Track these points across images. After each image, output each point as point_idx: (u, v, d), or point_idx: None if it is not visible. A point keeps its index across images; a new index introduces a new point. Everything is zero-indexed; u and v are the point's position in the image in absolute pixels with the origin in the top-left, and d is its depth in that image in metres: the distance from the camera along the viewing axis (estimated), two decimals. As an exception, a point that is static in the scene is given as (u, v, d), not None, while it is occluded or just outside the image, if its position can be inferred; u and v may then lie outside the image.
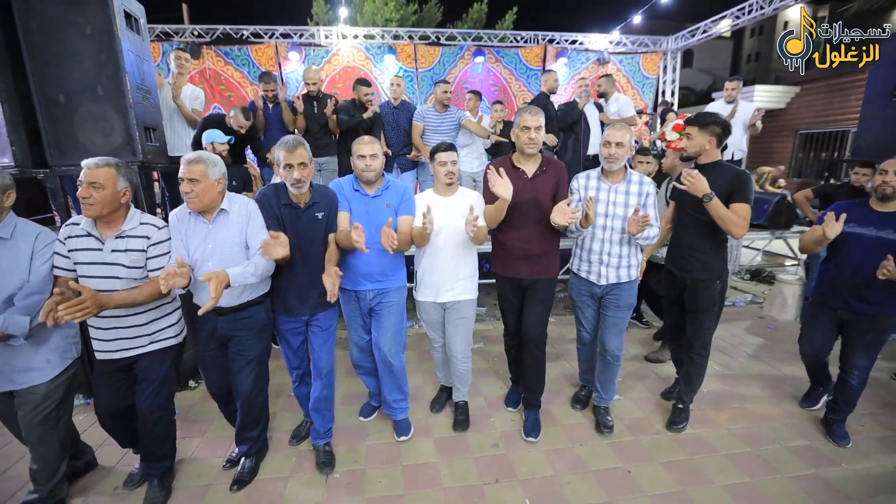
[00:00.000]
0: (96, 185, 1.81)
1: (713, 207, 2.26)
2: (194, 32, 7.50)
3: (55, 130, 2.75)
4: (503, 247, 2.50)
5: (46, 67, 2.68)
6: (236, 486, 2.21)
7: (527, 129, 2.27)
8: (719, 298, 2.50)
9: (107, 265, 1.88)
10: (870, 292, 2.35)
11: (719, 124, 2.34)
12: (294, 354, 2.37)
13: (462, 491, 2.19)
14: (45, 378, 1.91)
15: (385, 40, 7.76)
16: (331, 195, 2.26)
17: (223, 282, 1.83)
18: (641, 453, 2.46)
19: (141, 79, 2.95)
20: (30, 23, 2.61)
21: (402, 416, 2.64)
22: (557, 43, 8.20)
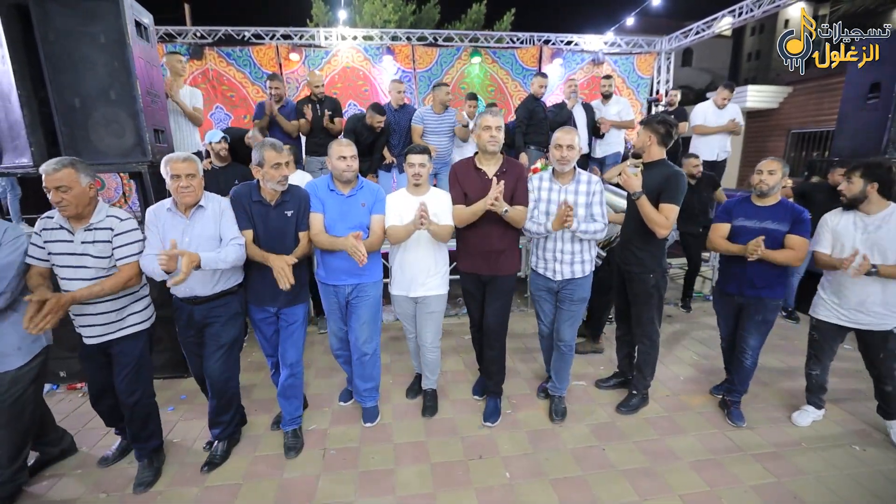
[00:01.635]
0: (62, 188, 1.93)
1: (640, 205, 2.46)
2: (197, 34, 7.67)
3: (71, 133, 2.93)
4: (466, 244, 2.66)
5: (63, 74, 2.86)
6: (207, 468, 2.35)
7: (488, 129, 2.43)
8: (655, 292, 2.67)
9: (77, 255, 2.03)
10: (757, 277, 2.55)
11: (663, 125, 2.50)
12: (268, 343, 2.54)
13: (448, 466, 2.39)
14: (14, 365, 1.99)
15: (383, 41, 7.91)
16: (301, 194, 2.40)
17: (194, 261, 1.97)
18: (616, 433, 2.65)
19: (150, 83, 3.13)
20: (48, 33, 2.80)
21: (370, 404, 2.78)
22: (553, 44, 8.34)
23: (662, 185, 2.47)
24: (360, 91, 7.86)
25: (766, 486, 2.23)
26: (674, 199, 2.45)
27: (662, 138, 2.53)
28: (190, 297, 2.24)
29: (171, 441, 2.60)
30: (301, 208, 2.37)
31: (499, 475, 2.31)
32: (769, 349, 3.62)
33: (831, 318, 2.54)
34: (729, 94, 5.16)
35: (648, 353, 2.80)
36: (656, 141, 2.54)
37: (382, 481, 2.28)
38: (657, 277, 2.66)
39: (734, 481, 2.27)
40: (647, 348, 2.79)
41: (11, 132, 2.98)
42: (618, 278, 2.87)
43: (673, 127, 2.53)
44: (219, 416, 2.42)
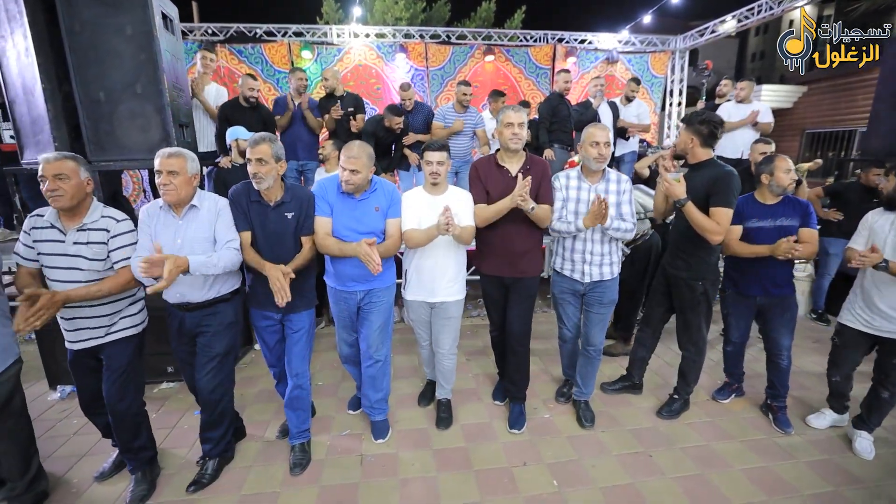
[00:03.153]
0: (62, 177, 1.85)
1: (686, 213, 2.32)
2: (208, 31, 7.60)
3: (95, 127, 2.85)
4: (486, 245, 2.55)
5: (88, 67, 2.78)
6: (193, 487, 2.17)
7: (510, 126, 2.33)
8: (704, 299, 2.56)
9: (69, 257, 1.92)
10: (780, 276, 2.54)
11: (706, 124, 2.34)
12: (270, 352, 2.39)
13: (493, 473, 2.30)
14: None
15: (396, 39, 7.84)
16: (304, 195, 2.22)
17: (181, 266, 1.83)
18: (661, 439, 2.56)
19: (176, 77, 3.05)
20: (73, 25, 2.71)
21: (380, 417, 2.60)
22: (566, 42, 8.27)
23: (711, 187, 2.33)
24: (372, 89, 7.78)
25: (825, 496, 2.15)
26: (725, 201, 2.30)
27: (706, 139, 2.38)
28: (181, 303, 2.09)
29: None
30: (303, 211, 2.19)
31: (546, 483, 2.23)
32: (804, 352, 3.55)
33: (855, 323, 2.44)
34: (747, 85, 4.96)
35: (694, 360, 2.70)
36: (699, 143, 2.39)
37: (425, 490, 2.19)
38: (707, 285, 2.54)
39: (790, 490, 2.18)
40: (693, 355, 2.69)
41: (34, 127, 2.90)
42: (662, 283, 2.77)
43: (718, 126, 2.36)
44: (208, 432, 2.24)
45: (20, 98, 2.97)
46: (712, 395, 2.99)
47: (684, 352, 2.73)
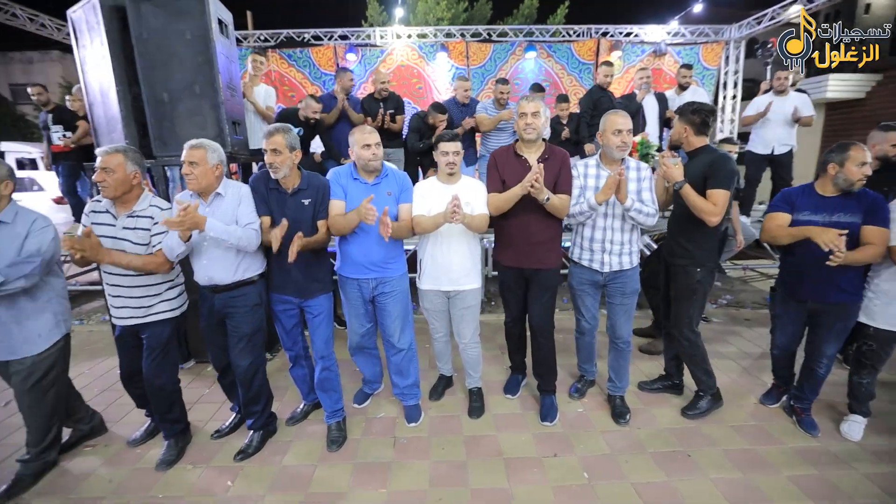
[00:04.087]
0: (108, 170, 2.06)
1: (684, 196, 2.31)
2: (261, 37, 8.03)
3: (159, 125, 3.11)
4: (505, 235, 2.54)
5: (154, 70, 3.04)
6: (240, 456, 2.35)
7: (523, 115, 2.33)
8: (699, 287, 2.47)
9: (117, 240, 2.13)
10: (844, 280, 2.28)
11: (697, 114, 2.39)
12: (287, 336, 2.48)
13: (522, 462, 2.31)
14: (33, 351, 2.09)
15: (438, 38, 7.94)
16: (320, 183, 2.33)
17: (196, 221, 1.96)
18: (702, 439, 2.46)
19: (230, 78, 3.27)
20: (142, 32, 2.97)
21: (413, 402, 2.67)
22: (611, 36, 8.05)
23: (707, 170, 2.33)
24: (414, 89, 7.93)
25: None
26: (721, 183, 2.29)
27: (699, 128, 2.41)
28: (210, 285, 2.26)
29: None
30: (319, 197, 2.30)
31: (577, 475, 2.21)
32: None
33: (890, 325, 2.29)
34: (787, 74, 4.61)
35: (692, 353, 2.59)
36: (692, 132, 2.42)
37: (454, 473, 2.24)
38: (704, 273, 2.46)
39: (844, 499, 2.04)
40: (688, 349, 2.59)
41: (109, 125, 3.20)
42: (664, 274, 2.70)
43: (709, 115, 2.40)
44: (250, 407, 2.42)
45: (97, 100, 3.30)
46: (760, 398, 2.83)
47: (678, 346, 2.64)
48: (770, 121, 4.73)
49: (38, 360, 2.11)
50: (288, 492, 2.13)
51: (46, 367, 2.15)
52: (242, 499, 2.09)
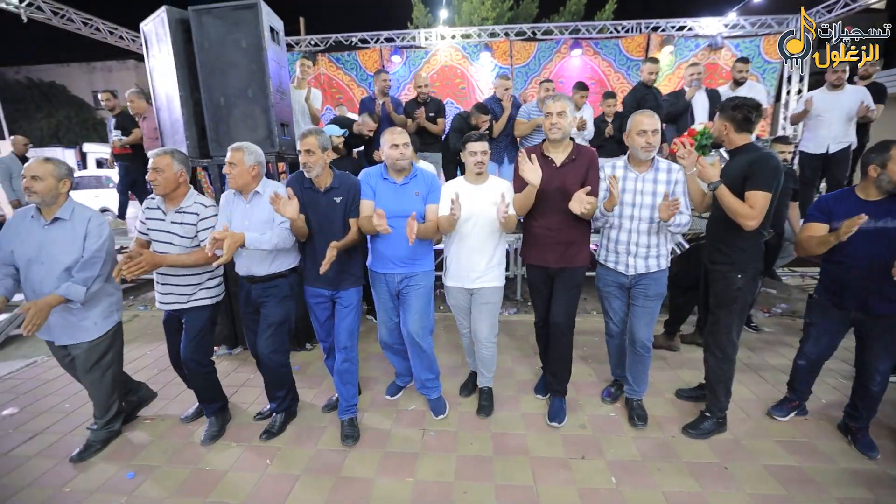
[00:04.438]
0: (158, 170, 2.27)
1: (719, 197, 2.20)
2: (311, 42, 8.39)
3: (216, 128, 3.36)
4: (531, 235, 2.52)
5: (213, 77, 3.29)
6: (265, 436, 2.52)
7: (549, 115, 2.30)
8: (740, 295, 2.31)
9: (167, 233, 2.35)
10: (890, 287, 2.09)
11: (739, 109, 2.22)
12: (321, 327, 2.60)
13: (549, 462, 2.31)
14: (89, 337, 2.31)
15: (482, 38, 7.96)
16: (351, 182, 2.42)
17: (238, 241, 2.13)
18: (741, 453, 2.35)
19: (280, 82, 3.47)
20: (203, 42, 3.23)
21: (435, 395, 2.73)
22: (662, 30, 7.75)
23: (748, 170, 2.17)
24: (457, 89, 8.00)
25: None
26: (760, 184, 2.12)
27: (740, 124, 2.25)
28: (248, 275, 2.44)
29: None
30: (351, 195, 2.39)
31: (604, 479, 2.18)
32: None
33: None
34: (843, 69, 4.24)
35: (721, 367, 2.42)
36: (733, 128, 2.27)
37: (480, 468, 2.27)
38: (746, 280, 2.31)
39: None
40: (720, 361, 2.41)
41: (173, 128, 3.50)
42: (703, 280, 2.56)
43: (752, 110, 2.21)
44: (274, 391, 2.59)
45: (164, 105, 3.61)
46: (768, 410, 2.66)
47: (709, 356, 2.46)
48: (823, 118, 4.41)
49: (93, 345, 2.34)
50: (320, 474, 2.25)
51: (102, 351, 2.39)
52: (278, 477, 2.24)
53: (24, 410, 2.93)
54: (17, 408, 2.96)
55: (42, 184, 2.15)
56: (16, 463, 2.40)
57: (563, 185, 2.34)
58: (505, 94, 4.58)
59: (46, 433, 2.67)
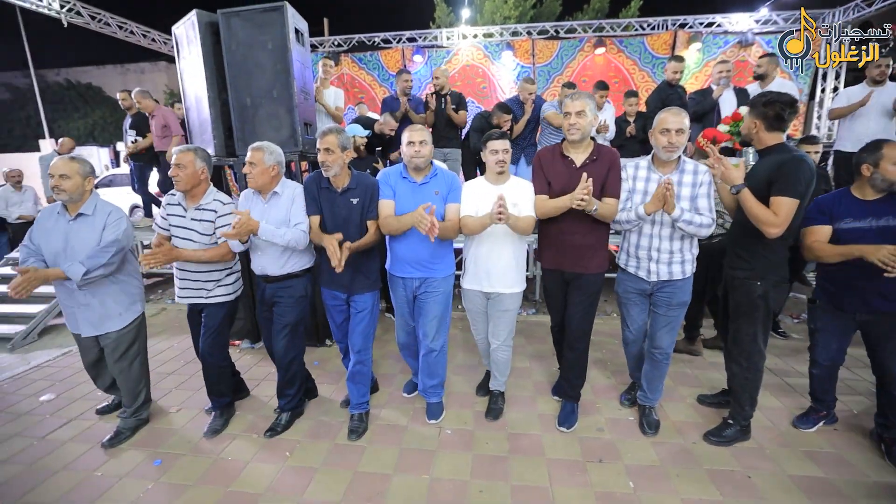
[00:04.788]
0: (180, 166, 2.32)
1: (741, 201, 2.11)
2: (335, 42, 8.51)
3: (242, 127, 3.45)
4: (547, 238, 2.46)
5: (240, 78, 3.37)
6: (269, 433, 2.53)
7: (568, 115, 2.24)
8: (761, 303, 2.21)
9: (186, 229, 2.40)
10: (889, 287, 2.05)
11: (772, 106, 2.08)
12: (338, 329, 2.63)
13: (566, 464, 2.30)
14: (116, 327, 2.42)
15: (504, 38, 7.92)
16: (369, 182, 2.38)
17: (250, 224, 2.17)
18: (764, 460, 2.28)
19: (304, 82, 3.54)
20: (231, 44, 3.32)
21: (434, 400, 2.71)
22: (690, 27, 7.56)
23: (773, 173, 2.05)
24: (478, 88, 7.99)
25: None
26: (786, 189, 2.01)
27: (771, 123, 2.12)
28: (262, 274, 2.47)
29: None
30: (368, 196, 2.36)
31: (621, 483, 2.15)
32: None
33: None
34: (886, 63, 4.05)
35: (745, 376, 2.33)
36: (763, 127, 2.14)
37: (496, 468, 2.27)
38: (767, 286, 2.20)
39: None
40: (744, 371, 2.32)
41: (201, 128, 3.60)
42: (723, 285, 2.48)
43: (785, 107, 2.07)
44: (284, 390, 2.61)
45: (193, 105, 3.72)
46: (793, 422, 2.58)
47: (734, 366, 2.37)
48: (861, 114, 4.23)
49: (121, 335, 2.45)
50: (338, 467, 2.29)
51: (129, 341, 2.50)
52: (297, 469, 2.29)
53: (60, 397, 3.07)
54: (54, 394, 3.11)
55: (70, 182, 2.26)
56: (52, 447, 2.53)
57: None
58: (528, 97, 4.56)
59: (80, 419, 2.80)
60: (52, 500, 2.13)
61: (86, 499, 2.13)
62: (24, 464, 2.39)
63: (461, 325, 4.04)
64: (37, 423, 2.76)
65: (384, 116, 4.06)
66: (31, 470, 2.34)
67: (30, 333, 4.16)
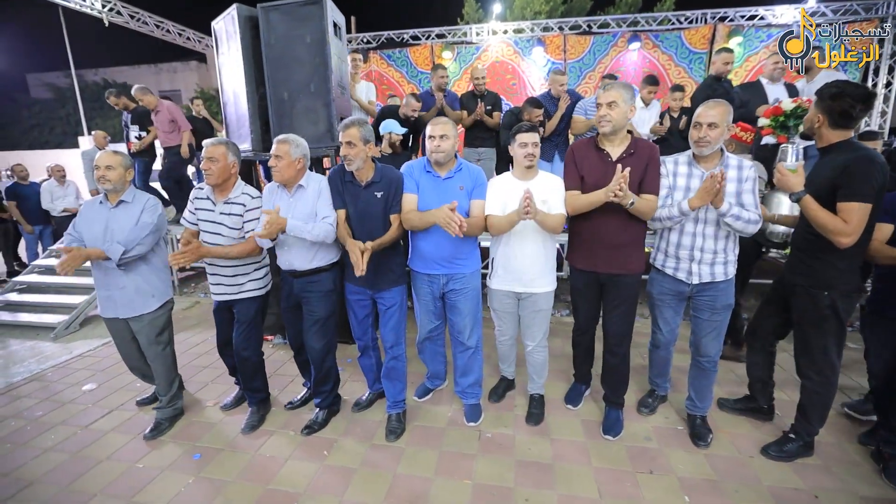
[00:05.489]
0: (213, 160, 2.30)
1: (804, 209, 1.93)
2: (363, 40, 8.51)
3: (279, 122, 3.44)
4: (579, 236, 2.33)
5: (278, 72, 3.36)
6: (307, 431, 2.51)
7: (599, 106, 2.13)
8: (832, 315, 2.03)
9: (215, 223, 2.39)
10: None
11: (838, 99, 1.87)
12: (358, 325, 2.54)
13: (611, 473, 2.19)
14: (150, 308, 2.46)
15: (534, 33, 7.78)
16: (394, 176, 2.31)
17: (280, 224, 2.13)
18: (831, 479, 2.12)
19: (340, 77, 3.51)
20: (270, 38, 3.31)
21: (472, 401, 2.62)
22: (730, 20, 7.27)
23: (840, 176, 1.86)
24: (507, 85, 7.87)
25: None
26: (855, 194, 1.83)
27: (837, 119, 1.91)
28: (290, 269, 2.42)
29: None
30: (392, 190, 2.29)
31: (675, 497, 2.03)
32: None
33: None
34: None
35: (817, 391, 2.15)
36: (827, 122, 1.94)
37: (541, 476, 2.18)
38: (836, 296, 2.01)
39: None
40: (816, 385, 2.15)
41: (239, 122, 3.62)
42: (779, 291, 2.31)
43: (857, 101, 1.85)
44: (320, 387, 2.57)
45: (230, 101, 3.74)
46: (859, 437, 2.40)
47: (804, 380, 2.20)
48: None
49: (154, 318, 2.49)
50: (378, 469, 2.24)
51: (162, 324, 2.54)
52: (336, 469, 2.25)
53: (101, 387, 3.12)
54: (96, 384, 3.16)
55: (114, 172, 2.32)
56: (95, 436, 2.56)
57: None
58: (560, 90, 4.42)
59: (121, 409, 2.84)
60: (96, 489, 2.15)
61: (130, 490, 2.14)
62: (70, 452, 2.43)
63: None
64: (80, 412, 2.81)
65: (406, 98, 4.01)
66: (76, 458, 2.37)
67: (72, 323, 4.27)
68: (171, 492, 2.12)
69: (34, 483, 2.20)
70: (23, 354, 3.77)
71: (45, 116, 19.20)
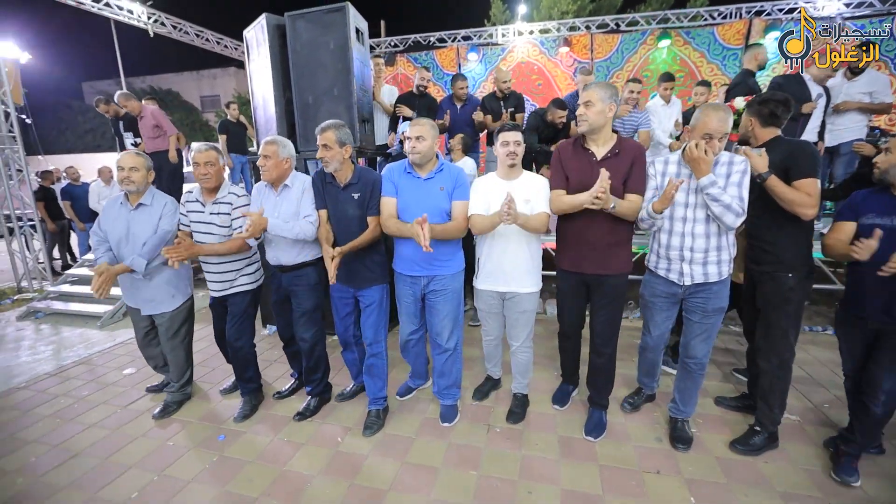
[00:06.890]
0: (210, 164, 2.43)
1: (771, 188, 2.06)
2: (391, 43, 8.70)
3: (304, 124, 3.60)
4: (567, 237, 2.31)
5: (303, 77, 3.53)
6: (298, 417, 2.64)
7: (578, 106, 2.14)
8: (793, 297, 2.14)
9: (206, 223, 2.51)
10: None
11: (766, 104, 2.16)
12: (340, 322, 2.61)
13: (620, 472, 2.20)
14: (170, 307, 2.63)
15: (560, 33, 7.73)
16: (371, 177, 2.35)
17: (262, 224, 2.25)
18: (844, 487, 2.06)
19: (363, 80, 3.64)
20: (296, 44, 3.48)
21: (448, 402, 2.63)
22: (767, 14, 6.99)
23: (787, 161, 2.06)
24: (533, 86, 7.85)
25: None
26: (807, 171, 2.02)
27: (766, 119, 2.17)
28: (277, 264, 2.55)
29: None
30: (368, 192, 2.33)
31: (681, 498, 2.02)
32: None
33: None
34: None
35: (776, 375, 2.21)
36: (758, 123, 2.19)
37: (545, 470, 2.22)
38: (798, 278, 2.14)
39: None
40: (775, 368, 2.21)
41: (267, 125, 3.81)
42: (747, 285, 2.37)
43: (780, 104, 2.13)
44: (310, 375, 2.70)
45: (260, 104, 3.94)
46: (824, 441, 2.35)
47: (763, 364, 2.23)
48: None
49: (174, 314, 2.67)
50: (388, 456, 2.34)
51: (181, 320, 2.72)
52: (350, 455, 2.36)
53: (140, 371, 3.37)
54: (135, 369, 3.41)
55: (139, 174, 2.49)
56: (133, 415, 2.78)
57: None
58: None
59: (156, 393, 3.05)
60: (132, 462, 2.35)
61: (161, 464, 2.33)
62: (110, 428, 2.65)
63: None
64: (120, 394, 3.06)
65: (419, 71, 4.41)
66: (115, 434, 2.60)
67: (115, 313, 4.60)
68: (199, 466, 2.29)
69: (79, 454, 2.42)
70: (73, 340, 4.10)
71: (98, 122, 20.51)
